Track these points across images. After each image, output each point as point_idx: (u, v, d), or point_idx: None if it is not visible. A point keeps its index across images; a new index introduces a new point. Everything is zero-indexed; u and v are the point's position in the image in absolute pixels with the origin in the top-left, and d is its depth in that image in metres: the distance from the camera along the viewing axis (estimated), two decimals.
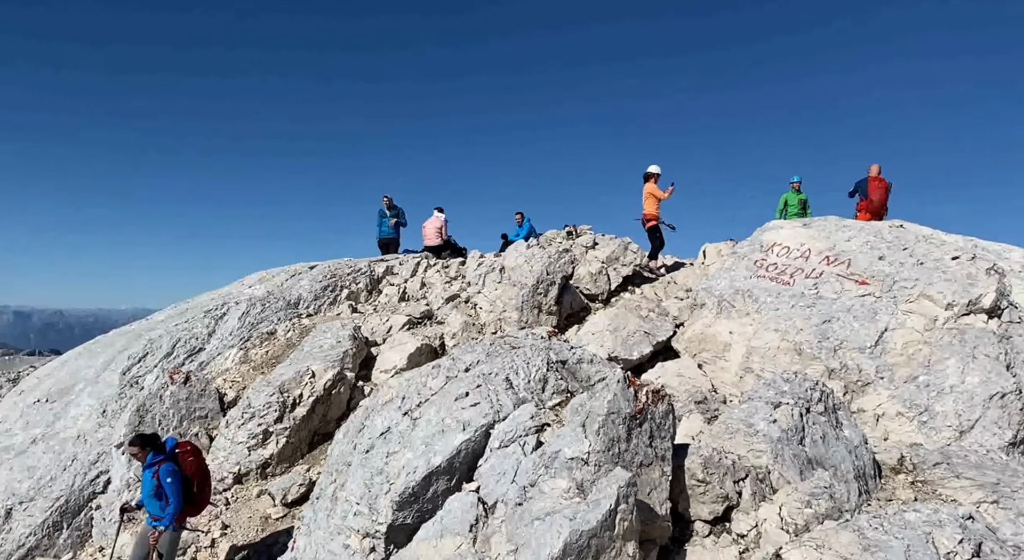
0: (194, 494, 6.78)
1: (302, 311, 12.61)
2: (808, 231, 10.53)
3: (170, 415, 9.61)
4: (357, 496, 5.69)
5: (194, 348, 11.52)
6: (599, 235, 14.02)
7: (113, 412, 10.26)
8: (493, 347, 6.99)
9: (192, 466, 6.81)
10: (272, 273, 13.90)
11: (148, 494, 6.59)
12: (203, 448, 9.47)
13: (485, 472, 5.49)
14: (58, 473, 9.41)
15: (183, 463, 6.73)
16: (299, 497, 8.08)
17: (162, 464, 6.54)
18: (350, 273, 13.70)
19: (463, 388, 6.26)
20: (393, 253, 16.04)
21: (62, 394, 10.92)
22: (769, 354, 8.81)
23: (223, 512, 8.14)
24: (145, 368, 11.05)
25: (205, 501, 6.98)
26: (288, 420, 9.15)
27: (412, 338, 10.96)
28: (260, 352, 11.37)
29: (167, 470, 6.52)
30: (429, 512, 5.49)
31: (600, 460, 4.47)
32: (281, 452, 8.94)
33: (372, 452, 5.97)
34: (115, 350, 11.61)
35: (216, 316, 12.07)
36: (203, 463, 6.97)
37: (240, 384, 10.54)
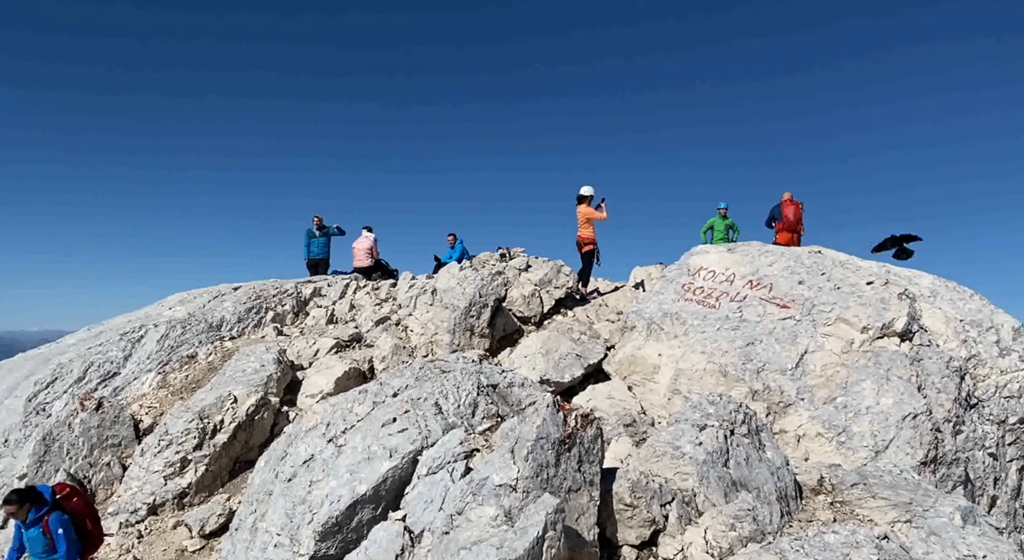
0: (88, 532, 6.40)
1: (225, 334, 12.18)
2: (733, 256, 10.85)
3: (79, 443, 9.09)
4: (278, 526, 5.49)
5: (108, 372, 10.96)
6: (532, 257, 14.09)
7: (16, 441, 9.66)
8: (423, 371, 6.89)
9: (78, 506, 6.39)
10: (194, 294, 13.40)
11: (40, 552, 6.09)
12: (115, 478, 8.99)
13: (412, 500, 5.37)
14: None
15: (68, 507, 6.28)
16: (218, 528, 7.72)
17: (49, 516, 6.06)
18: (276, 294, 13.33)
19: (391, 414, 6.13)
20: (322, 274, 15.71)
21: None
22: (696, 376, 8.98)
23: (134, 545, 7.71)
24: (53, 394, 10.45)
25: (100, 536, 6.60)
26: (208, 447, 8.78)
27: (340, 362, 10.72)
28: (180, 376, 10.90)
29: (57, 521, 6.05)
30: (353, 542, 5.33)
31: (528, 486, 4.43)
32: (200, 481, 8.55)
33: (295, 481, 5.77)
34: (20, 375, 10.95)
35: (133, 339, 11.52)
36: (87, 499, 6.61)
37: (157, 410, 10.07)
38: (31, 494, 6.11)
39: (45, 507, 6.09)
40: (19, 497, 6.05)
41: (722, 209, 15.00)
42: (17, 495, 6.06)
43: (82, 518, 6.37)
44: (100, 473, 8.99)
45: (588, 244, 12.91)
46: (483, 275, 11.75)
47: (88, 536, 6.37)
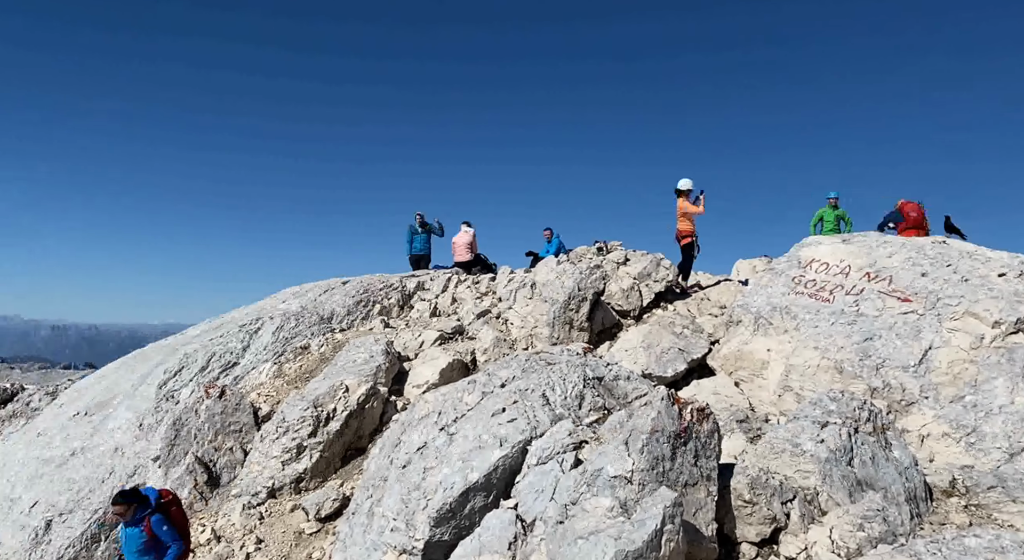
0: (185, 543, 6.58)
1: (335, 326, 12.67)
2: (848, 247, 10.33)
3: (205, 429, 9.68)
4: (394, 512, 5.66)
5: (229, 362, 11.62)
6: (630, 251, 13.92)
7: (149, 426, 10.36)
8: (528, 363, 6.94)
9: (177, 514, 6.60)
10: (306, 288, 14.01)
11: (134, 550, 6.31)
12: (238, 462, 9.52)
13: (523, 489, 5.42)
14: (96, 486, 9.50)
15: (170, 514, 6.50)
16: (333, 512, 8.04)
17: (151, 517, 6.30)
18: (382, 288, 13.75)
19: (499, 404, 6.21)
20: (424, 269, 16.08)
21: (100, 407, 11.06)
22: (809, 372, 8.62)
23: (256, 526, 8.14)
24: (181, 382, 11.16)
25: (187, 553, 6.74)
26: (322, 434, 9.15)
27: (444, 353, 10.94)
28: (294, 366, 11.42)
29: (160, 520, 6.29)
30: (466, 529, 5.43)
31: (644, 479, 4.38)
32: (315, 466, 8.93)
33: (409, 467, 5.94)
34: (152, 364, 11.76)
35: (251, 331, 12.17)
36: (183, 512, 6.79)
37: (274, 398, 10.59)
38: (137, 496, 6.37)
39: (148, 509, 6.34)
40: (126, 498, 6.30)
41: (832, 198, 14.34)
42: (123, 497, 6.31)
43: (181, 529, 6.58)
44: (224, 457, 9.55)
45: (687, 237, 12.64)
46: (581, 269, 11.71)
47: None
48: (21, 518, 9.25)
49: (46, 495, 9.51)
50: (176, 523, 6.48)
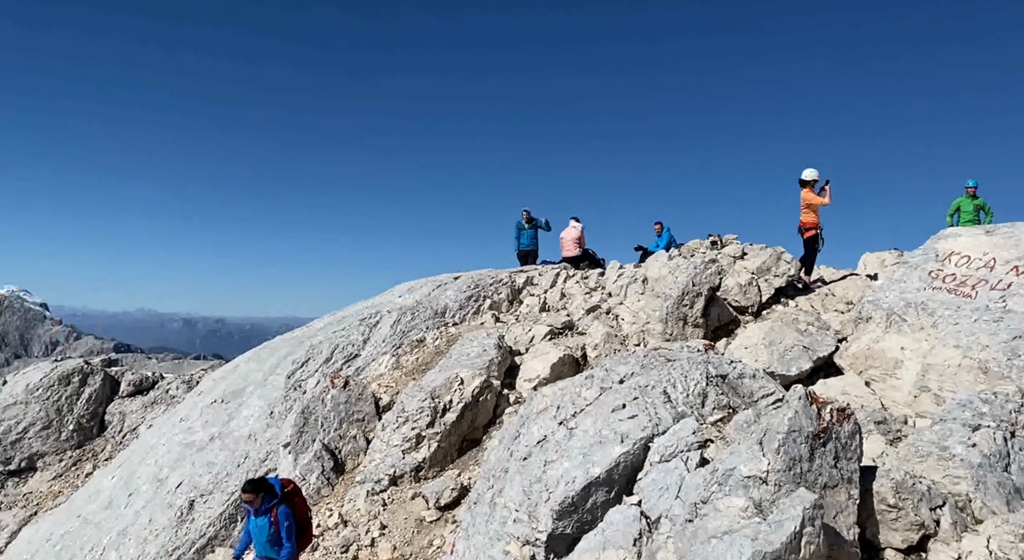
0: (305, 530, 6.81)
1: (448, 320, 12.98)
2: (991, 239, 9.57)
3: (331, 417, 10.14)
4: (516, 503, 5.73)
5: (351, 354, 12.14)
6: (747, 245, 13.47)
7: (280, 413, 10.97)
8: (647, 359, 6.85)
9: (300, 504, 6.80)
10: (420, 283, 14.43)
11: (264, 540, 6.53)
12: (361, 450, 9.92)
13: (646, 486, 5.36)
14: (233, 469, 10.16)
15: (294, 505, 6.70)
16: (451, 501, 8.25)
17: (278, 508, 6.51)
18: (492, 284, 13.96)
19: (619, 400, 6.16)
20: (532, 264, 16.19)
21: (235, 396, 11.82)
22: (949, 372, 8.05)
23: (380, 513, 8.45)
24: (307, 372, 11.75)
25: (311, 536, 6.98)
26: (439, 425, 9.39)
27: (554, 348, 10.98)
28: (411, 358, 11.79)
29: (284, 513, 6.48)
30: (589, 523, 5.43)
31: (780, 480, 4.23)
32: (433, 456, 9.18)
33: (529, 460, 6.00)
34: (280, 355, 12.44)
35: (370, 324, 12.66)
36: (305, 502, 6.97)
37: (393, 389, 10.97)
38: (265, 485, 6.60)
39: (275, 499, 6.55)
40: (254, 487, 6.52)
41: (971, 187, 13.33)
42: (252, 486, 6.53)
43: (303, 516, 6.77)
44: (348, 445, 9.98)
45: (811, 229, 12.09)
46: (696, 263, 11.43)
47: (304, 534, 6.79)
48: (168, 497, 10.01)
49: (189, 477, 10.25)
50: (298, 515, 6.66)
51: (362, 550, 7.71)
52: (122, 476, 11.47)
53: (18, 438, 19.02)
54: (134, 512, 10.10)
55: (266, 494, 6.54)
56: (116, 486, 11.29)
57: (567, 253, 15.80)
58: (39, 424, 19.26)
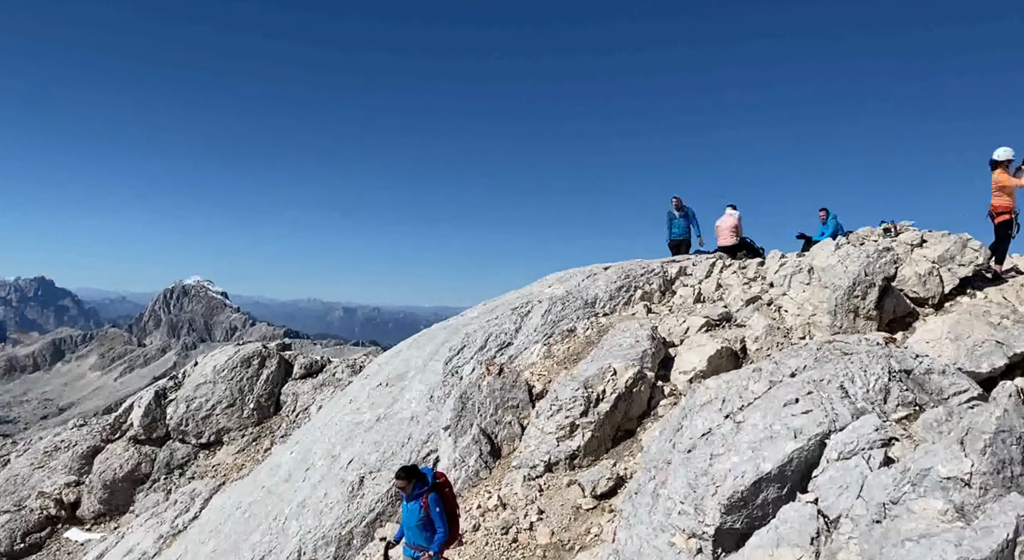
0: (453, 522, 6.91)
1: (598, 310, 12.96)
2: None
3: (487, 403, 10.45)
4: (681, 495, 5.64)
5: (504, 342, 12.43)
6: (926, 232, 12.39)
7: (439, 397, 11.43)
8: (821, 352, 6.49)
9: (449, 495, 6.94)
10: (569, 273, 14.50)
11: (414, 525, 6.73)
12: (516, 436, 10.15)
13: (823, 484, 5.10)
14: (397, 449, 10.72)
15: (444, 494, 6.84)
16: (608, 491, 8.25)
17: (428, 494, 6.67)
18: (643, 274, 13.77)
19: (791, 394, 5.89)
20: (684, 254, 15.79)
21: (398, 380, 12.46)
22: None
23: (537, 497, 8.61)
24: (463, 359, 12.17)
25: (456, 535, 7.07)
26: (592, 415, 9.42)
27: (711, 340, 10.66)
28: (562, 348, 11.89)
29: (435, 501, 6.65)
30: (759, 519, 5.24)
31: (987, 483, 3.87)
32: (587, 445, 9.22)
33: (694, 453, 5.87)
34: (438, 342, 12.97)
35: (522, 313, 12.90)
36: (454, 495, 7.09)
37: (546, 377, 11.11)
38: (417, 472, 6.79)
39: (426, 486, 6.74)
40: (407, 473, 6.72)
41: None
42: (405, 472, 6.74)
43: (451, 509, 6.90)
44: (504, 430, 10.24)
45: (1004, 213, 10.90)
46: (868, 252, 10.65)
47: (452, 526, 6.88)
48: (341, 473, 10.73)
49: (359, 454, 10.92)
50: (447, 507, 6.81)
51: (521, 533, 7.90)
52: (299, 452, 12.43)
53: (207, 414, 21.17)
54: (311, 485, 10.92)
55: (417, 481, 6.75)
56: (294, 461, 12.26)
57: (723, 242, 15.24)
58: (225, 402, 21.33)
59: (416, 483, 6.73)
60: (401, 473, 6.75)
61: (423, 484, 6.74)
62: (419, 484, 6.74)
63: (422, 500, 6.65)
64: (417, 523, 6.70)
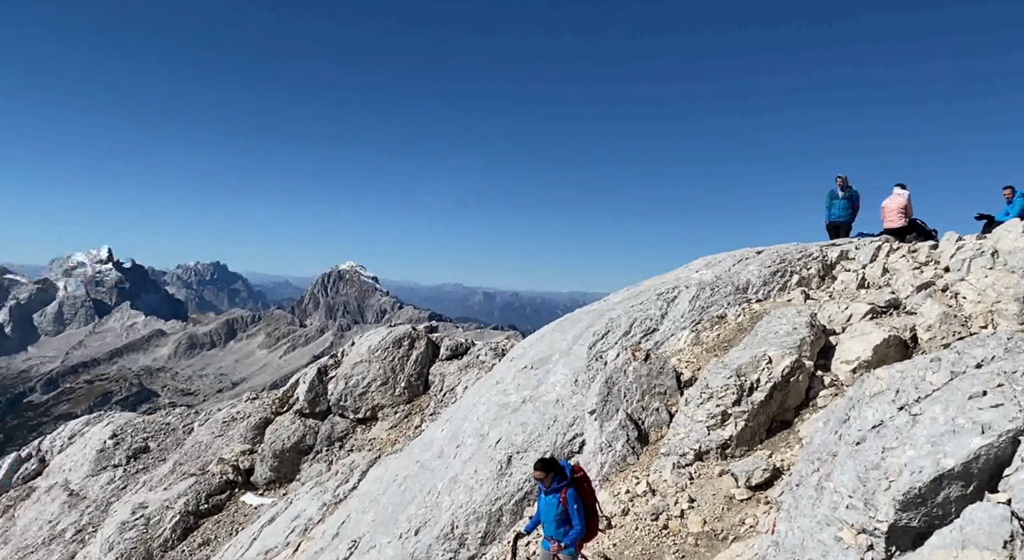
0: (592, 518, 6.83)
1: (751, 296, 12.47)
2: None
3: (633, 389, 10.38)
4: (849, 489, 5.34)
5: (649, 328, 12.28)
6: None
7: (583, 382, 11.48)
8: (1012, 342, 5.88)
9: (588, 490, 6.83)
10: (718, 258, 14.06)
11: (551, 519, 6.70)
12: (663, 423, 10.02)
13: (1016, 484, 4.64)
14: (543, 431, 10.89)
15: (582, 490, 6.74)
16: (763, 482, 7.97)
17: (567, 489, 6.61)
18: (800, 258, 13.08)
19: (977, 386, 5.39)
20: (845, 237, 14.83)
21: (542, 363, 12.64)
22: None
23: (687, 486, 8.48)
24: (607, 344, 12.14)
25: (594, 532, 6.97)
26: (745, 404, 9.11)
27: (877, 328, 9.96)
28: (711, 335, 11.57)
29: (573, 496, 6.59)
30: (939, 518, 4.86)
31: None
32: (740, 435, 8.95)
33: (864, 445, 5.53)
34: (581, 327, 13.02)
35: (668, 299, 12.66)
36: (592, 490, 6.97)
37: (694, 365, 10.87)
38: (556, 466, 6.73)
39: (564, 480, 6.67)
40: (545, 466, 6.67)
41: None
42: (544, 464, 6.69)
43: (590, 504, 6.82)
44: (651, 416, 10.14)
45: None
46: None
47: (591, 521, 6.81)
48: (489, 451, 11.07)
49: (506, 434, 11.21)
50: (586, 502, 6.76)
51: (672, 520, 7.81)
52: (450, 429, 12.96)
53: (363, 391, 22.54)
54: (461, 462, 11.36)
55: (556, 475, 6.71)
56: (445, 438, 12.80)
57: (890, 224, 14.14)
58: (379, 380, 22.62)
59: (555, 477, 6.71)
60: (540, 465, 6.73)
61: (562, 478, 6.71)
62: (558, 478, 6.71)
63: (560, 495, 6.63)
64: (555, 517, 6.70)
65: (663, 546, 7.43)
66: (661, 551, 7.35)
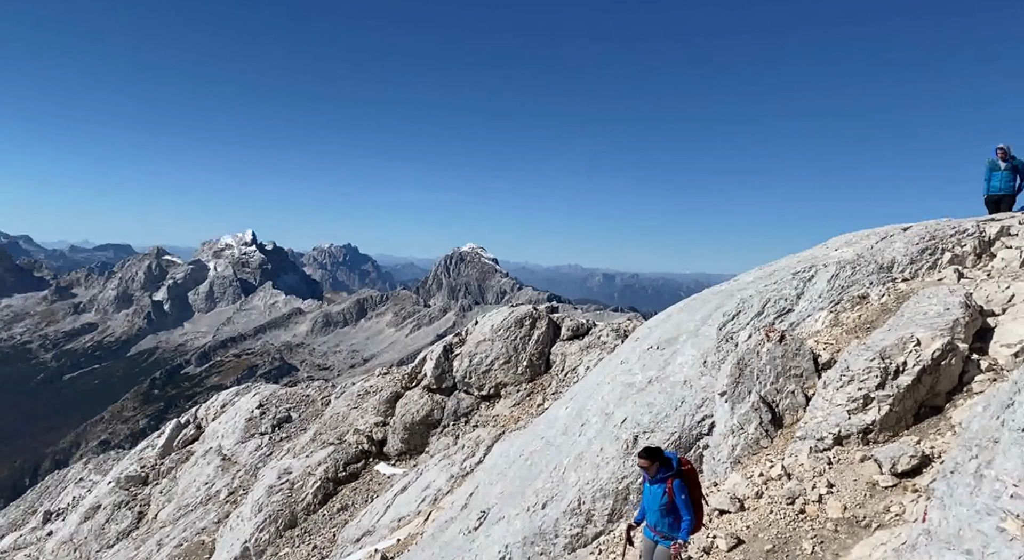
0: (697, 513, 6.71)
1: (896, 275, 11.70)
2: None
3: (767, 370, 10.06)
4: (1014, 477, 4.96)
5: (783, 309, 11.81)
6: None
7: (712, 363, 11.24)
8: None
9: (694, 482, 6.70)
10: (859, 236, 13.27)
11: (656, 508, 6.66)
12: (799, 406, 9.66)
13: None
14: (670, 412, 10.78)
15: (689, 481, 6.64)
16: (910, 469, 7.53)
17: (673, 479, 6.53)
18: (953, 234, 12.11)
19: None
20: (1005, 211, 13.57)
21: (669, 343, 12.48)
22: None
23: (825, 470, 8.15)
24: (738, 325, 11.80)
25: (700, 524, 6.84)
26: (890, 387, 8.62)
27: None
28: (851, 316, 10.98)
29: (680, 487, 6.51)
30: None
31: None
32: (884, 420, 8.49)
33: None
34: (711, 307, 12.72)
35: (804, 278, 12.12)
36: (699, 483, 6.83)
37: (833, 346, 10.37)
38: (661, 455, 6.67)
39: (670, 471, 6.60)
40: (651, 455, 6.62)
41: None
42: (649, 454, 6.63)
43: (696, 498, 6.71)
44: (786, 399, 9.80)
45: None
46: None
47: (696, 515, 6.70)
48: (614, 431, 11.10)
49: (631, 414, 11.18)
50: (692, 495, 6.65)
51: (809, 504, 7.55)
52: (574, 408, 13.09)
53: (487, 369, 23.10)
54: (587, 440, 11.46)
55: (662, 465, 6.65)
56: (569, 416, 12.94)
57: None
58: (501, 358, 23.10)
59: (660, 466, 6.65)
60: (644, 454, 6.68)
61: (667, 469, 6.64)
62: (663, 468, 6.65)
63: (666, 485, 6.57)
64: (660, 507, 6.65)
65: (800, 531, 7.21)
66: (798, 535, 7.14)
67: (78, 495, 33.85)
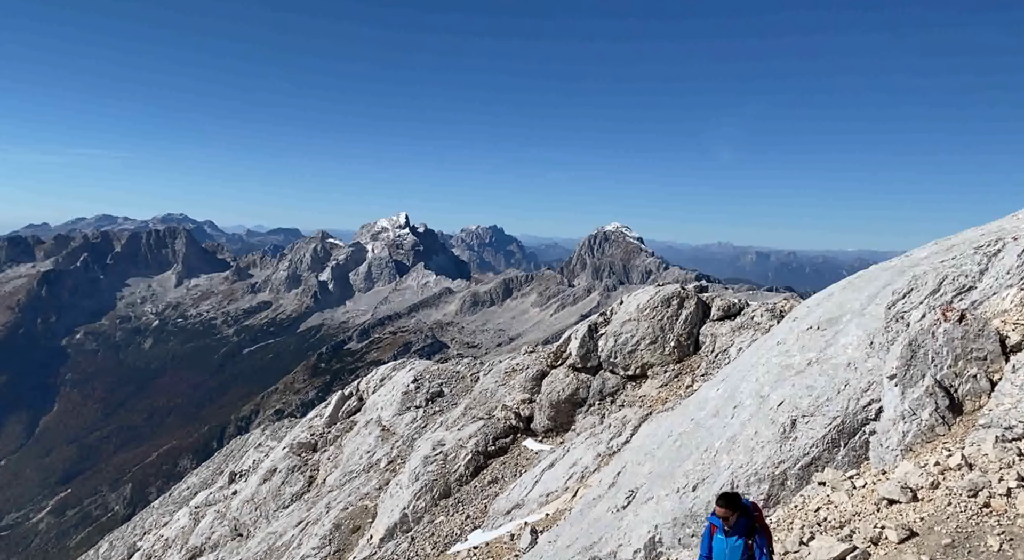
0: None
1: None
2: None
3: (943, 353, 9.23)
4: None
5: (963, 286, 10.77)
6: None
7: (880, 344, 10.47)
8: None
9: (767, 531, 6.36)
10: None
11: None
12: (982, 391, 8.80)
13: None
14: (832, 395, 10.17)
15: (767, 534, 6.34)
16: None
17: (757, 535, 6.21)
18: None
19: None
20: None
21: (830, 323, 11.75)
22: None
23: (1015, 462, 7.38)
24: (910, 304, 10.89)
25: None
26: None
27: None
28: None
29: (763, 542, 6.21)
30: None
31: None
32: None
33: None
34: (878, 285, 11.82)
35: (988, 253, 10.96)
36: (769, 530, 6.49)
37: (1023, 328, 9.32)
38: (741, 503, 6.26)
39: (748, 521, 6.21)
40: (732, 504, 6.20)
41: None
42: (729, 501, 6.21)
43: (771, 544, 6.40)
44: (966, 384, 8.95)
45: None
46: None
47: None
48: (770, 413, 10.64)
49: (789, 397, 10.66)
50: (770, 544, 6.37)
51: (995, 498, 6.88)
52: (726, 389, 12.68)
53: (633, 349, 22.88)
54: (740, 423, 11.08)
55: (741, 514, 6.23)
56: (721, 397, 12.56)
57: None
58: (647, 338, 22.79)
59: (740, 516, 6.23)
60: (723, 501, 6.25)
61: (747, 519, 6.24)
62: (743, 520, 6.23)
63: (746, 540, 6.20)
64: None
65: (984, 526, 6.60)
66: (982, 530, 6.54)
67: (257, 458, 37.43)
